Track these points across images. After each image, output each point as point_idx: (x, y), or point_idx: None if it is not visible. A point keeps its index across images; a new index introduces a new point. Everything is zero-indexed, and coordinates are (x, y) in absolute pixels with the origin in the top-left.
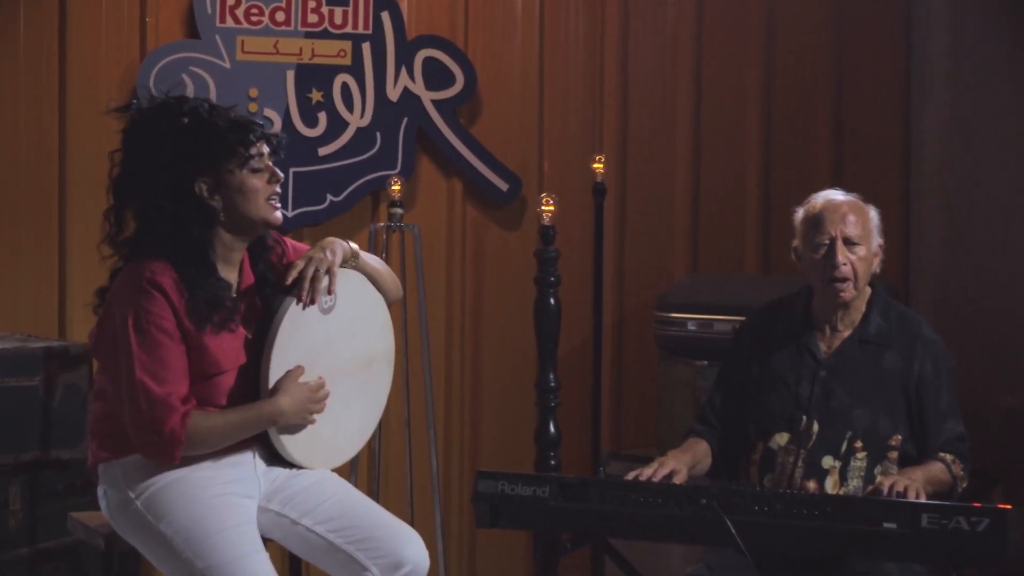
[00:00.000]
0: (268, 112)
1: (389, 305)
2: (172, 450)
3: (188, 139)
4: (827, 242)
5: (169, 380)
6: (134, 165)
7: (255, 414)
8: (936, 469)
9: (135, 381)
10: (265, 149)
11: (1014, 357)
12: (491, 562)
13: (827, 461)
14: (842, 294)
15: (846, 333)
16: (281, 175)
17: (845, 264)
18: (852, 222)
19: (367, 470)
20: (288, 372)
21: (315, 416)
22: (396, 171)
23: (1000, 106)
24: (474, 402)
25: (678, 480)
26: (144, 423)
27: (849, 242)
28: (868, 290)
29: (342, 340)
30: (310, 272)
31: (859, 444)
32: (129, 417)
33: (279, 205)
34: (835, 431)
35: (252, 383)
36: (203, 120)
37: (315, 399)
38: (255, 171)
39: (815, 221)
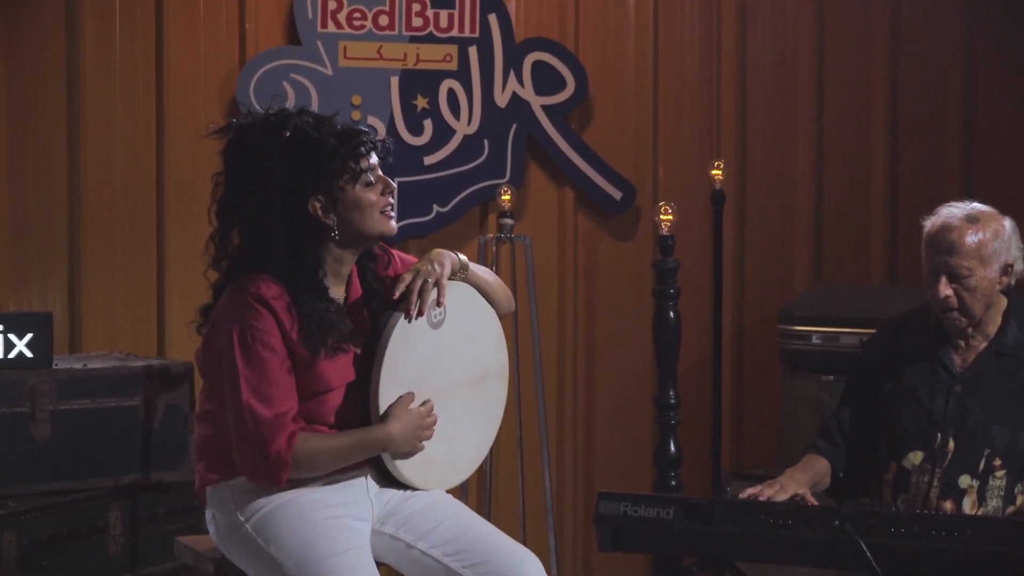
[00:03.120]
0: (372, 120)
1: (501, 318)
2: (278, 472)
3: (298, 158)
4: (933, 272)
5: (276, 399)
6: (242, 188)
7: (365, 439)
8: None
9: (241, 401)
10: (375, 159)
11: None
12: None
13: (964, 480)
14: (954, 323)
15: (981, 346)
16: (394, 185)
17: (948, 297)
18: (961, 252)
19: (477, 492)
20: (399, 398)
21: (424, 442)
22: (505, 180)
23: None
24: (588, 420)
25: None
26: (250, 444)
27: (954, 276)
28: (1003, 300)
29: (453, 356)
30: (418, 285)
31: (998, 462)
32: (235, 439)
33: (393, 215)
34: (972, 449)
35: (360, 400)
36: (310, 137)
37: (425, 425)
38: (368, 184)
39: (926, 245)
